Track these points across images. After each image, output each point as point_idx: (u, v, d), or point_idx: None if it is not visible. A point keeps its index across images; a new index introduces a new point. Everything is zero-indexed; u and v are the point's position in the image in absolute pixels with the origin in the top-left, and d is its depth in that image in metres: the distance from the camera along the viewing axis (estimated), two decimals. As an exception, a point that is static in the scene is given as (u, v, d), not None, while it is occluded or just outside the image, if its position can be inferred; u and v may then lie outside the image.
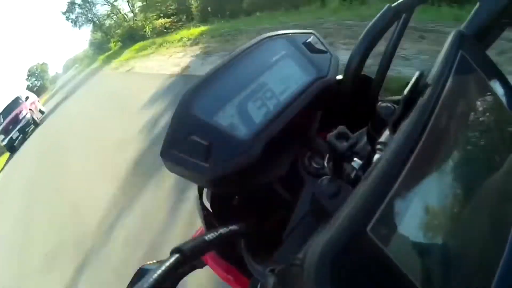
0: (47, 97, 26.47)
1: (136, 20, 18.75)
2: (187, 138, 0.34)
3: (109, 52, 21.50)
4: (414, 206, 0.21)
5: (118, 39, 20.74)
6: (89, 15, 25.51)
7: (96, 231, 2.66)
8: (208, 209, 0.43)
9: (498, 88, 0.29)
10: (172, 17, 13.21)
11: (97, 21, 25.19)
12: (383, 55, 0.43)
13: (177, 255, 0.23)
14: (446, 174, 0.24)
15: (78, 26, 26.16)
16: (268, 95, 0.36)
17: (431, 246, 0.22)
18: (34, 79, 46.50)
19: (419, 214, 0.22)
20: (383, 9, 0.41)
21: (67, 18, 25.77)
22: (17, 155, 9.36)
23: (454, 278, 0.22)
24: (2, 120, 11.31)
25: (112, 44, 22.25)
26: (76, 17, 25.91)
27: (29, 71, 46.54)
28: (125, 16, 21.92)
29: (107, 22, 24.63)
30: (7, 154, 10.69)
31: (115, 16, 23.11)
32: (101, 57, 22.41)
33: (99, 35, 27.24)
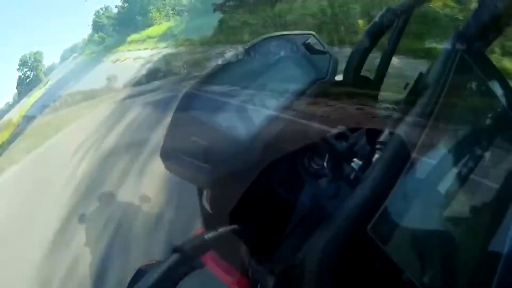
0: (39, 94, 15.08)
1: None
2: (187, 139, 0.34)
3: (153, 26, 11.04)
4: (413, 206, 0.21)
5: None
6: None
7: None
8: (208, 210, 0.43)
9: (497, 88, 0.29)
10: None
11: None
12: (382, 56, 0.43)
13: (177, 255, 0.23)
14: (446, 174, 0.24)
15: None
16: (268, 96, 0.36)
17: (430, 246, 0.22)
18: (26, 69, 44.23)
19: (418, 214, 0.22)
20: (383, 10, 0.41)
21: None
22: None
23: (453, 276, 0.22)
24: None
25: (155, 14, 11.68)
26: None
27: (21, 60, 44.03)
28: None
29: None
30: None
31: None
32: (136, 36, 11.26)
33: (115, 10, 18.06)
